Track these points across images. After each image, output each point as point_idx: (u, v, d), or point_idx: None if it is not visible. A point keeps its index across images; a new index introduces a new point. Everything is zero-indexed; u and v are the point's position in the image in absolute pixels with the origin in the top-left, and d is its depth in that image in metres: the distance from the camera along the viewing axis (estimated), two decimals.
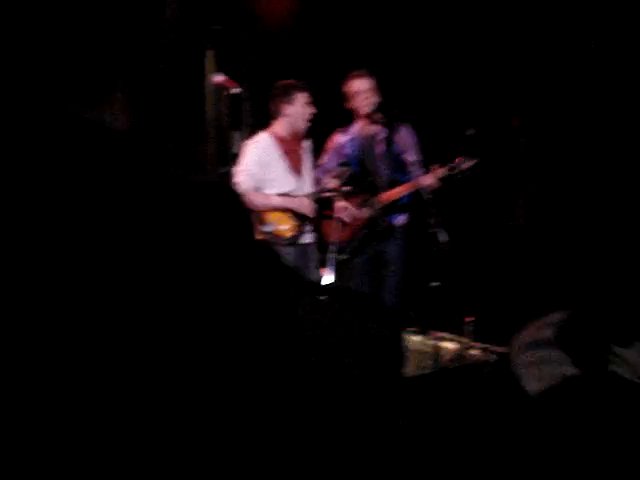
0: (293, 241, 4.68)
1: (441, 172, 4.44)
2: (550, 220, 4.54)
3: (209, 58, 6.07)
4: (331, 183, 4.69)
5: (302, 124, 4.62)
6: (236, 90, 4.28)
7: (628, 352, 0.62)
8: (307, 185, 4.80)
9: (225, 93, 4.45)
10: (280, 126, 4.67)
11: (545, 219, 4.70)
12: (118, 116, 4.67)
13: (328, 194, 4.79)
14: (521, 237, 5.29)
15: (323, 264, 4.93)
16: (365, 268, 4.82)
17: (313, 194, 4.74)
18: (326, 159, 4.91)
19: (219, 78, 4.35)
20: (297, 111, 4.59)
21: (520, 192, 5.36)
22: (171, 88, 6.06)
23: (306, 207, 4.66)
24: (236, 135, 5.11)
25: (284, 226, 4.67)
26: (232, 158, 4.57)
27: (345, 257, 4.81)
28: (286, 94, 4.58)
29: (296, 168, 4.73)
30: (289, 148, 4.71)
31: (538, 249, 4.96)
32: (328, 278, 4.59)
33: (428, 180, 4.45)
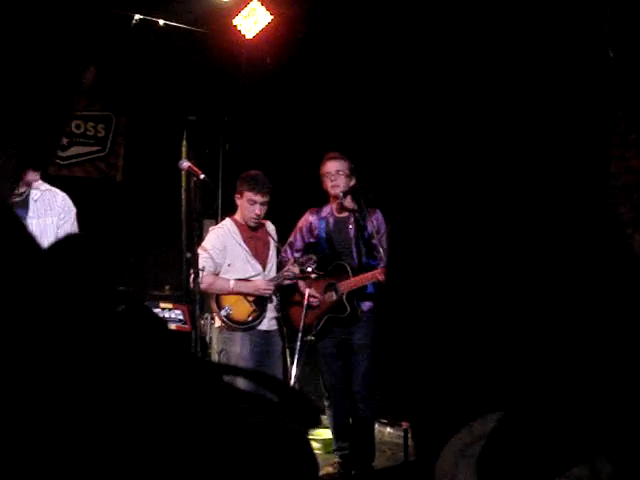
0: (250, 326, 4.62)
1: None
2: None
3: (184, 147, 6.19)
4: (294, 268, 4.67)
5: (248, 220, 4.66)
6: (202, 177, 4.30)
7: (579, 470, 0.57)
8: (271, 271, 4.77)
9: (194, 179, 4.48)
10: (238, 214, 4.72)
11: None
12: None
13: (289, 281, 4.76)
14: None
15: (291, 353, 4.87)
16: (333, 353, 4.73)
17: (274, 279, 4.71)
18: (296, 238, 4.90)
19: (185, 164, 4.38)
20: (243, 206, 4.65)
21: None
22: (148, 174, 6.12)
23: (261, 290, 4.61)
24: (207, 222, 5.13)
25: (240, 310, 4.62)
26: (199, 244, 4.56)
27: (311, 338, 4.74)
28: (239, 187, 4.65)
29: (258, 254, 4.72)
30: (251, 234, 4.72)
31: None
32: (294, 369, 4.52)
33: (382, 275, 4.43)
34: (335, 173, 4.63)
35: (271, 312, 4.76)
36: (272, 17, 5.64)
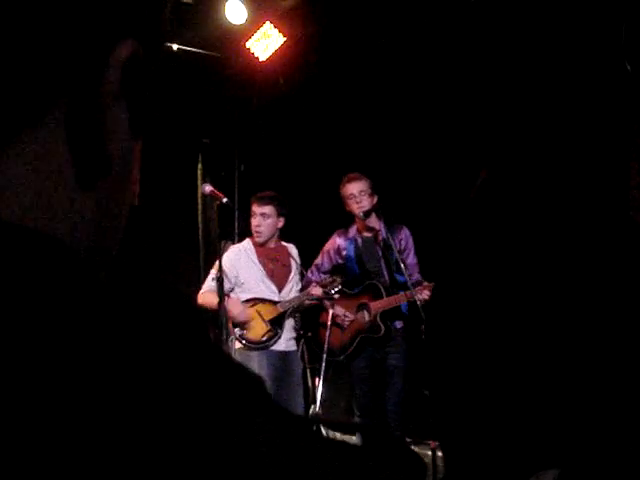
0: (264, 346, 4.60)
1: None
2: None
3: (200, 170, 6.20)
4: (316, 290, 4.67)
5: (257, 237, 4.68)
6: (225, 200, 4.32)
7: None
8: (290, 293, 4.77)
9: (217, 203, 4.49)
10: None
11: None
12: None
13: (310, 302, 4.77)
14: None
15: (317, 373, 4.84)
16: (365, 374, 4.71)
17: (293, 300, 4.70)
18: (324, 260, 4.91)
19: (208, 188, 4.40)
20: (251, 220, 4.72)
21: None
22: (164, 198, 6.13)
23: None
24: (226, 245, 5.13)
25: (255, 329, 4.61)
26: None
27: (341, 359, 4.73)
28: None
29: (275, 275, 4.72)
30: (270, 255, 4.73)
31: None
32: (319, 390, 4.50)
33: (424, 294, 4.43)
34: (358, 194, 4.65)
35: (289, 332, 4.74)
36: (285, 39, 5.67)
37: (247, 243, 4.78)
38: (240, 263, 4.65)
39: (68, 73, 0.44)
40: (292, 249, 4.86)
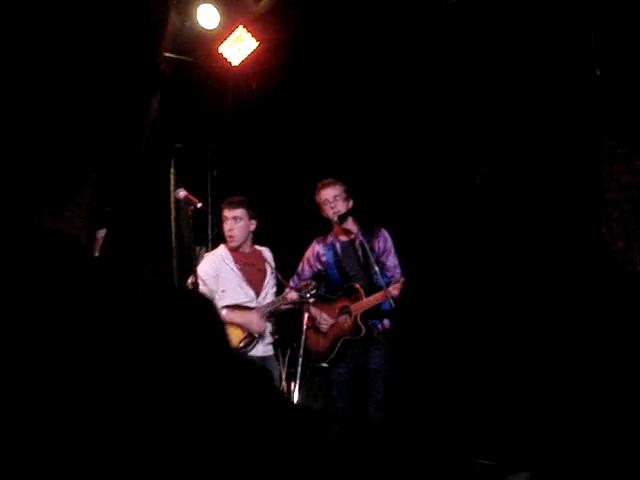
0: (242, 352, 4.58)
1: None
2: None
3: (172, 175, 6.16)
4: (291, 295, 4.67)
5: (231, 242, 4.69)
6: (199, 205, 4.30)
7: None
8: (265, 298, 4.77)
9: (191, 208, 4.47)
10: None
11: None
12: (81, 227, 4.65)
13: (287, 307, 4.76)
14: None
15: (294, 378, 4.83)
16: (346, 379, 4.67)
17: (269, 305, 4.70)
18: (304, 268, 4.90)
19: (182, 193, 4.38)
20: (224, 226, 4.71)
21: None
22: (136, 203, 6.08)
23: (254, 324, 4.60)
24: (201, 250, 5.11)
25: (232, 336, 4.59)
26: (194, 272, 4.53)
27: (325, 365, 4.71)
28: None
29: (251, 280, 4.72)
30: (246, 260, 4.72)
31: None
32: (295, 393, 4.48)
33: (396, 291, 4.44)
34: (333, 199, 4.65)
35: (266, 337, 4.74)
36: (258, 43, 5.67)
37: (222, 250, 4.76)
38: (220, 271, 4.64)
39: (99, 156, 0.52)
40: (266, 253, 4.85)
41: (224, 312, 4.58)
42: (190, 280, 4.43)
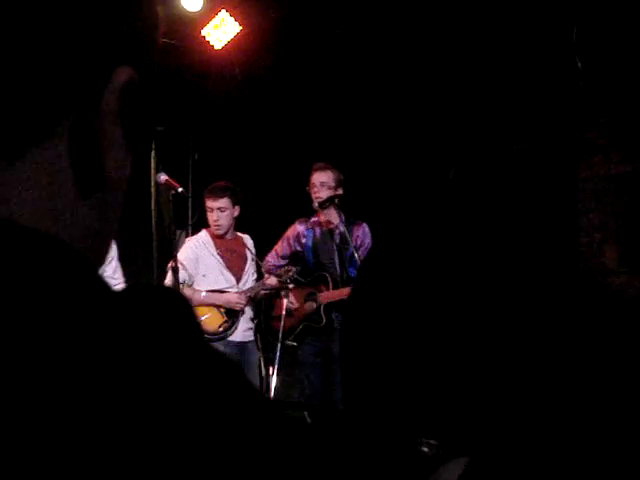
0: (221, 337, 4.61)
1: None
2: None
3: (153, 158, 6.12)
4: (270, 280, 4.70)
5: (213, 229, 4.71)
6: (180, 190, 4.28)
7: None
8: (246, 284, 4.78)
9: (171, 192, 4.44)
10: None
11: None
12: None
13: (265, 292, 4.79)
14: None
15: (271, 362, 4.86)
16: (314, 361, 4.73)
17: (249, 290, 4.72)
18: (283, 246, 4.91)
19: (163, 177, 4.35)
20: (207, 216, 4.71)
21: None
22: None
23: (232, 303, 4.62)
24: (181, 234, 5.09)
25: (211, 320, 4.62)
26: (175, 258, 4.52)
27: (293, 344, 4.76)
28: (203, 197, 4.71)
29: (232, 266, 4.73)
30: (227, 246, 4.74)
31: None
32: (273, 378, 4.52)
33: None
34: (319, 185, 4.62)
35: (245, 322, 4.76)
36: (241, 28, 5.64)
37: (204, 235, 4.76)
38: (200, 256, 4.66)
39: (71, 95, 0.51)
40: (247, 240, 4.86)
41: (203, 294, 4.61)
42: (170, 265, 4.43)
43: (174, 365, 0.44)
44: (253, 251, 4.84)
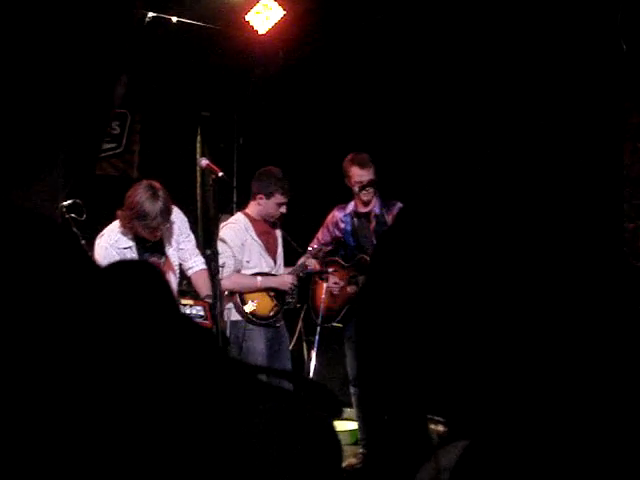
0: (272, 322, 4.68)
1: None
2: None
3: (199, 143, 6.23)
4: (309, 262, 4.80)
5: (270, 219, 4.74)
6: (220, 174, 4.33)
7: None
8: (281, 266, 4.85)
9: (213, 177, 4.50)
10: (253, 209, 4.76)
11: None
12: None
13: (303, 274, 4.86)
14: None
15: (311, 345, 4.93)
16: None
17: (293, 271, 4.78)
18: (324, 232, 5.03)
19: (204, 162, 4.42)
20: (270, 207, 4.68)
21: None
22: (164, 172, 6.17)
23: (287, 285, 4.68)
24: (224, 218, 5.17)
25: (263, 305, 4.67)
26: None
27: (339, 325, 4.85)
28: (267, 187, 4.66)
29: (270, 249, 4.79)
30: (263, 229, 4.78)
31: None
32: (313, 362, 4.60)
33: None
34: (367, 183, 4.74)
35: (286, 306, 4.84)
36: (284, 12, 5.67)
37: (244, 220, 4.75)
38: (245, 241, 4.67)
39: (64, 141, 0.65)
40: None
41: (259, 279, 4.66)
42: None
43: (149, 328, 0.51)
44: (279, 234, 4.90)
